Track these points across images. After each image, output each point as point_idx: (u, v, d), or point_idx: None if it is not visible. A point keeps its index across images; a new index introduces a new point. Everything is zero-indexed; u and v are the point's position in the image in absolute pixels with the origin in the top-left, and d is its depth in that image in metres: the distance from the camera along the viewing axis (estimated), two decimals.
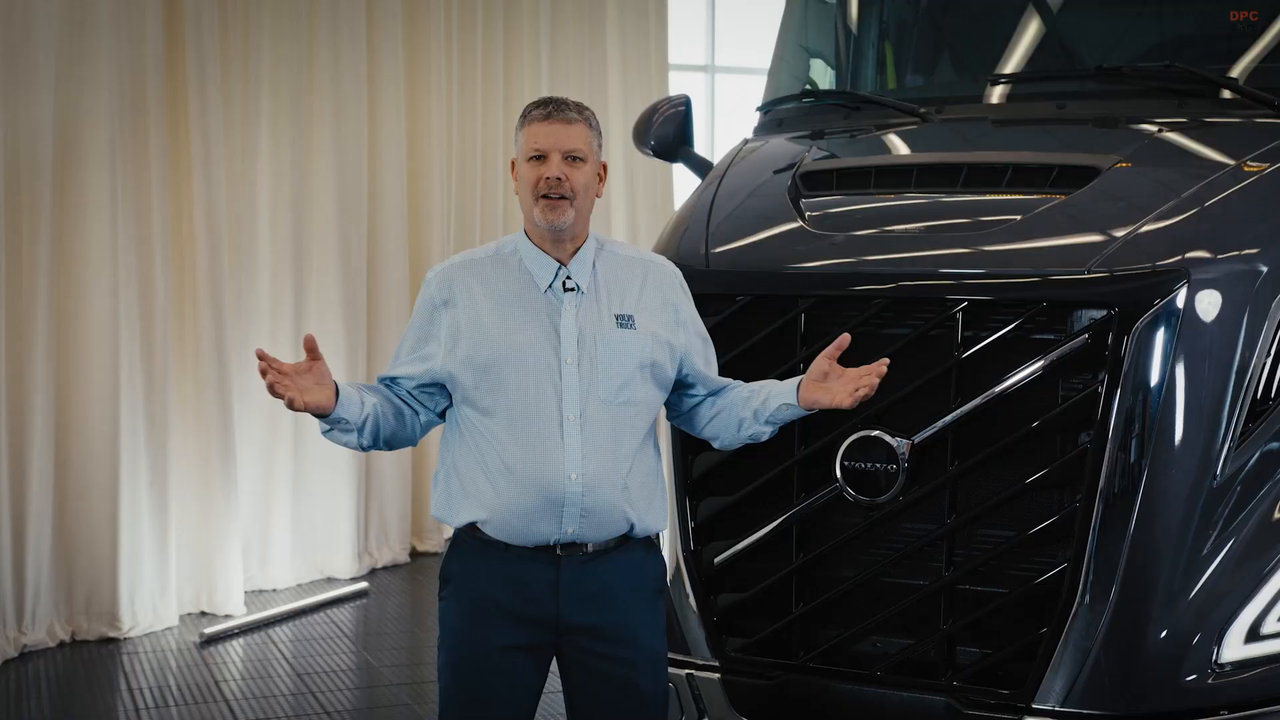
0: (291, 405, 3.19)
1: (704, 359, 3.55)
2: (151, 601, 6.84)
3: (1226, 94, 4.28)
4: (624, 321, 3.38)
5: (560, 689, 3.51)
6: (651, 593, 3.48)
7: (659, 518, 3.48)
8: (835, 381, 3.34)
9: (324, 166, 7.76)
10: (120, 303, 6.66)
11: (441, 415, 3.49)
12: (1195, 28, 4.64)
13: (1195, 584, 3.53)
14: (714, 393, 3.56)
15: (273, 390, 3.17)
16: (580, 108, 3.39)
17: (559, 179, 3.30)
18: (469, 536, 3.39)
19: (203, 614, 7.14)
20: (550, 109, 3.36)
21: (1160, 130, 4.20)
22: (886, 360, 3.34)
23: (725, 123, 10.81)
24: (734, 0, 10.83)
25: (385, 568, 8.20)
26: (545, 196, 3.31)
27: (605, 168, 3.44)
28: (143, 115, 6.77)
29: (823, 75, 5.28)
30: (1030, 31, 4.70)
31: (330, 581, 7.83)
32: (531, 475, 3.29)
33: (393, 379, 3.45)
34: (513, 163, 3.43)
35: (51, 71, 6.46)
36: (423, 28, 8.26)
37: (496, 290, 3.37)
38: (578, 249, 3.40)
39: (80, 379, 6.66)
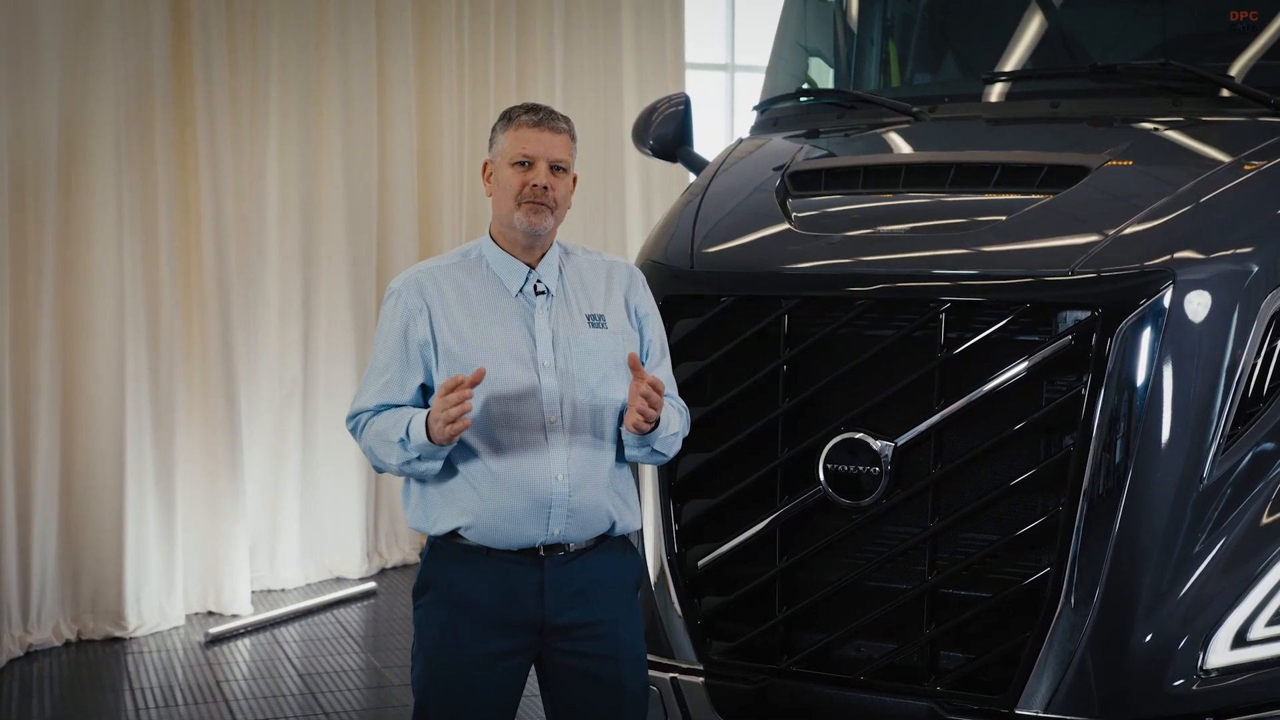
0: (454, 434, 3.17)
1: (650, 364, 3.52)
2: (158, 601, 6.86)
3: (1224, 92, 4.23)
4: (595, 321, 3.40)
5: (536, 693, 3.50)
6: (631, 590, 3.49)
7: (636, 517, 3.50)
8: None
9: (333, 165, 7.75)
10: (126, 302, 6.68)
11: None
12: (1193, 26, 4.59)
13: (1181, 588, 3.49)
14: None
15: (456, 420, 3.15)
16: (565, 118, 3.39)
17: (545, 187, 3.30)
18: (447, 544, 3.38)
19: (210, 614, 7.15)
20: (540, 115, 3.36)
21: (1153, 129, 4.16)
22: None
23: (745, 121, 10.77)
24: None
25: (395, 568, 8.19)
26: (530, 202, 3.31)
27: (575, 180, 3.45)
28: (149, 113, 6.78)
29: (820, 74, 5.25)
30: (1026, 30, 4.65)
31: (339, 581, 7.83)
32: (517, 478, 3.28)
33: (394, 403, 3.39)
34: (485, 164, 3.42)
35: (56, 69, 6.47)
36: (434, 25, 8.21)
37: (468, 295, 3.37)
38: (544, 253, 3.42)
39: (86, 378, 6.67)
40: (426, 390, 3.40)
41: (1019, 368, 3.56)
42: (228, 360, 7.13)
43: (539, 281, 3.38)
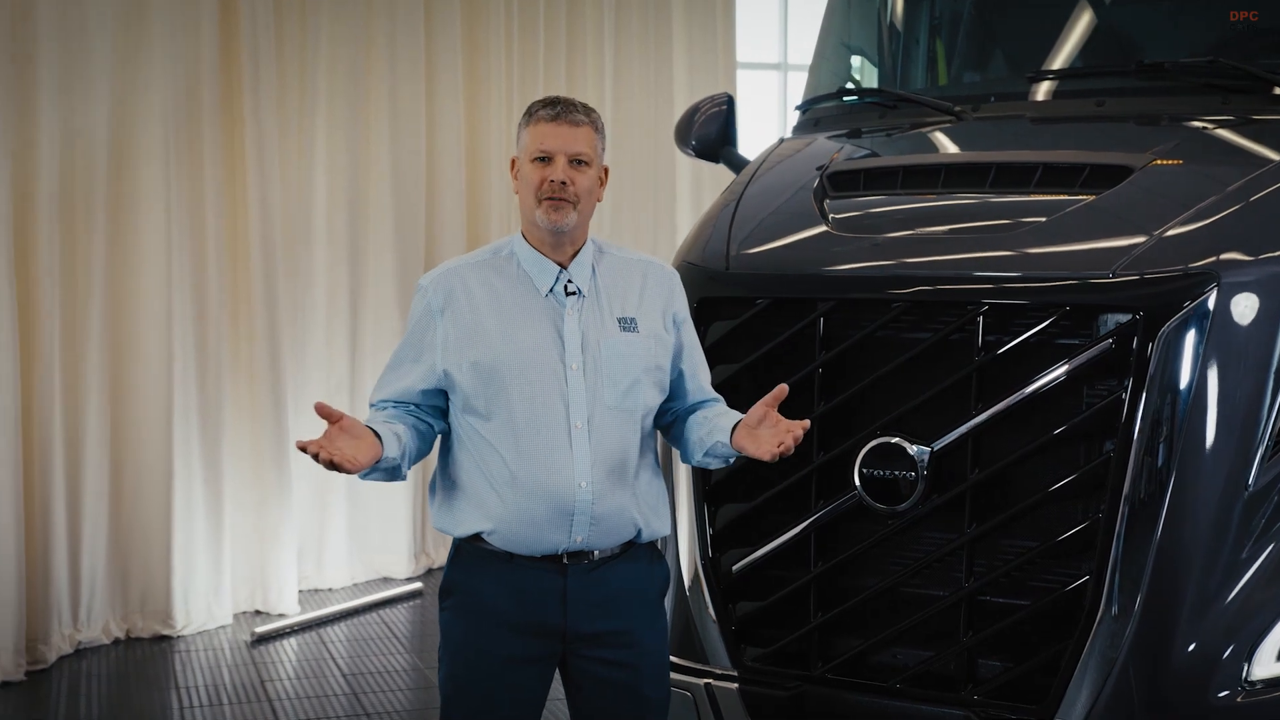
0: (347, 470, 3.06)
1: (691, 366, 3.49)
2: (205, 600, 6.90)
3: (1276, 90, 4.13)
4: (627, 324, 3.33)
5: (561, 696, 3.47)
6: (656, 599, 3.44)
7: (664, 522, 3.44)
8: (766, 431, 3.21)
9: (381, 163, 7.74)
10: (174, 302, 6.72)
11: None
12: (1243, 23, 4.48)
13: (1225, 597, 3.41)
14: (690, 407, 3.50)
15: (330, 463, 3.02)
16: (587, 109, 3.32)
17: (564, 183, 3.24)
18: (472, 547, 3.35)
19: (257, 613, 7.19)
20: (559, 109, 3.28)
21: (1200, 127, 4.07)
22: (806, 423, 3.21)
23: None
24: None
25: (441, 568, 8.14)
26: (549, 198, 3.25)
27: (607, 171, 3.38)
28: (197, 113, 6.81)
29: (864, 73, 5.20)
30: (1071, 28, 4.57)
31: (386, 581, 7.84)
32: (540, 484, 3.24)
33: (396, 400, 3.36)
34: (513, 160, 3.37)
35: (106, 71, 6.52)
36: (482, 24, 8.18)
37: (497, 294, 3.31)
38: (577, 252, 3.35)
39: (134, 378, 6.72)
40: (445, 396, 3.37)
41: (1058, 371, 3.49)
42: (275, 358, 7.15)
43: (569, 281, 3.32)
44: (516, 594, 3.29)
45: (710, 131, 5.15)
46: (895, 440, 3.63)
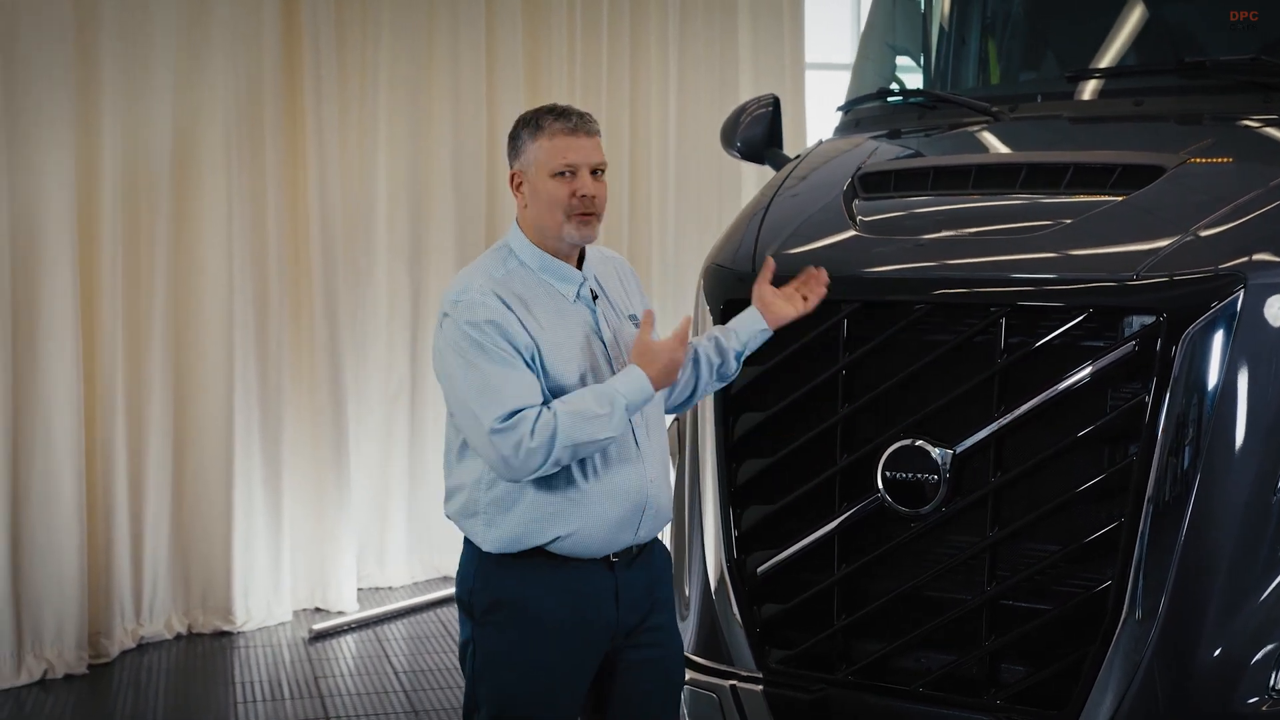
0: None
1: None
2: (265, 597, 6.98)
3: None
4: (637, 321, 3.39)
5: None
6: (670, 586, 3.53)
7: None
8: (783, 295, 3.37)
9: (442, 167, 7.77)
10: (235, 303, 6.80)
11: None
12: None
13: (1252, 602, 3.37)
14: None
15: None
16: (593, 116, 3.31)
17: (593, 197, 3.25)
18: (519, 560, 3.27)
19: (317, 610, 7.26)
20: (575, 121, 3.26)
21: (1238, 126, 4.01)
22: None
23: None
24: None
25: None
26: (580, 214, 3.24)
27: None
28: (259, 116, 6.88)
29: (908, 73, 5.17)
30: (1110, 27, 4.52)
31: (446, 580, 7.88)
32: (620, 485, 3.26)
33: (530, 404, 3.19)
34: (513, 175, 3.33)
35: (169, 73, 6.61)
36: (544, 25, 8.15)
37: (536, 306, 3.25)
38: (582, 256, 3.38)
39: (196, 377, 6.81)
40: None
41: (1082, 374, 3.46)
42: (335, 359, 7.21)
43: (592, 284, 3.33)
44: (572, 598, 3.28)
45: (756, 133, 5.13)
46: (918, 443, 3.62)
